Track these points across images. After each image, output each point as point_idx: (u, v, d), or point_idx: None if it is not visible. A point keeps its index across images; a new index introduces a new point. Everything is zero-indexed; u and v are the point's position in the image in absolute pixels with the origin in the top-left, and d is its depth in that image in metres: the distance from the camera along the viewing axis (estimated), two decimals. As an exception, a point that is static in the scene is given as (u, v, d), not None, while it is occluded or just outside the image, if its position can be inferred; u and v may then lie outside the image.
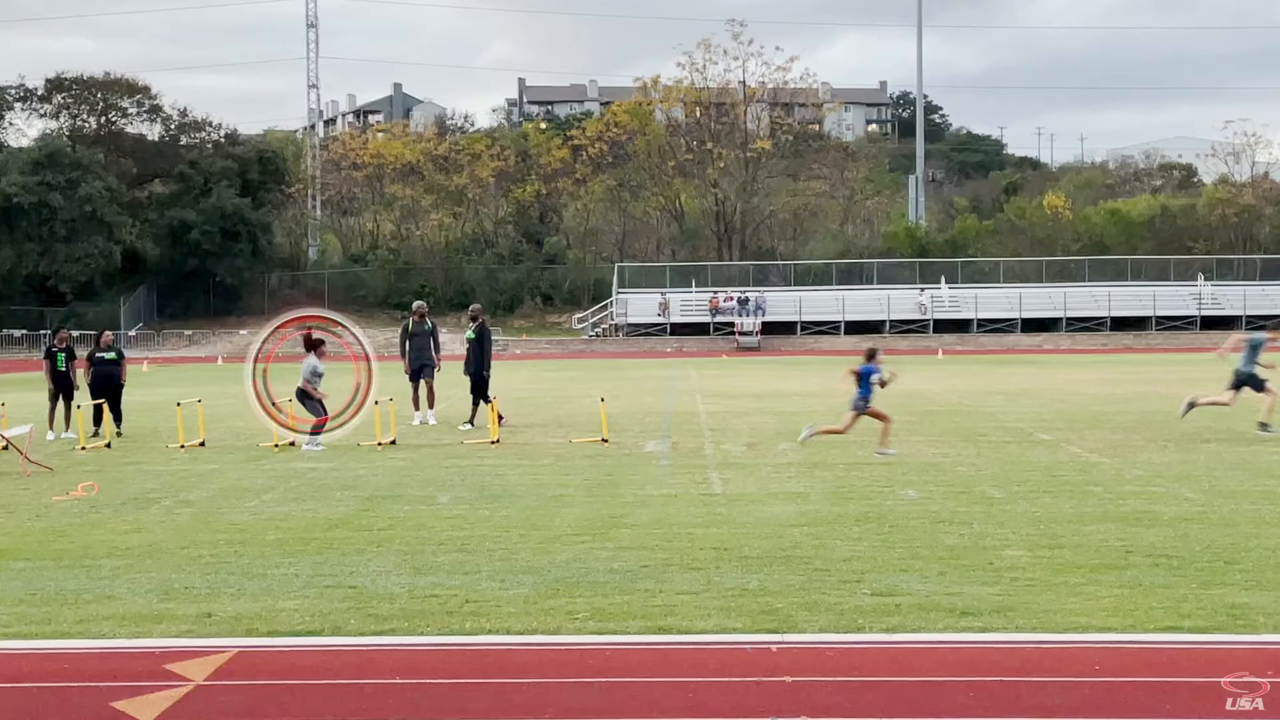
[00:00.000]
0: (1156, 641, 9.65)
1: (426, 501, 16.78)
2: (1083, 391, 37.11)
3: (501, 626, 10.17)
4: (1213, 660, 9.19)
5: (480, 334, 27.50)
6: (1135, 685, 8.63)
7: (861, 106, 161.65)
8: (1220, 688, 8.50)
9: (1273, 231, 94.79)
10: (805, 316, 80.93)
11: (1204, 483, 17.82)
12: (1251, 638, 9.70)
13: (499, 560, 12.72)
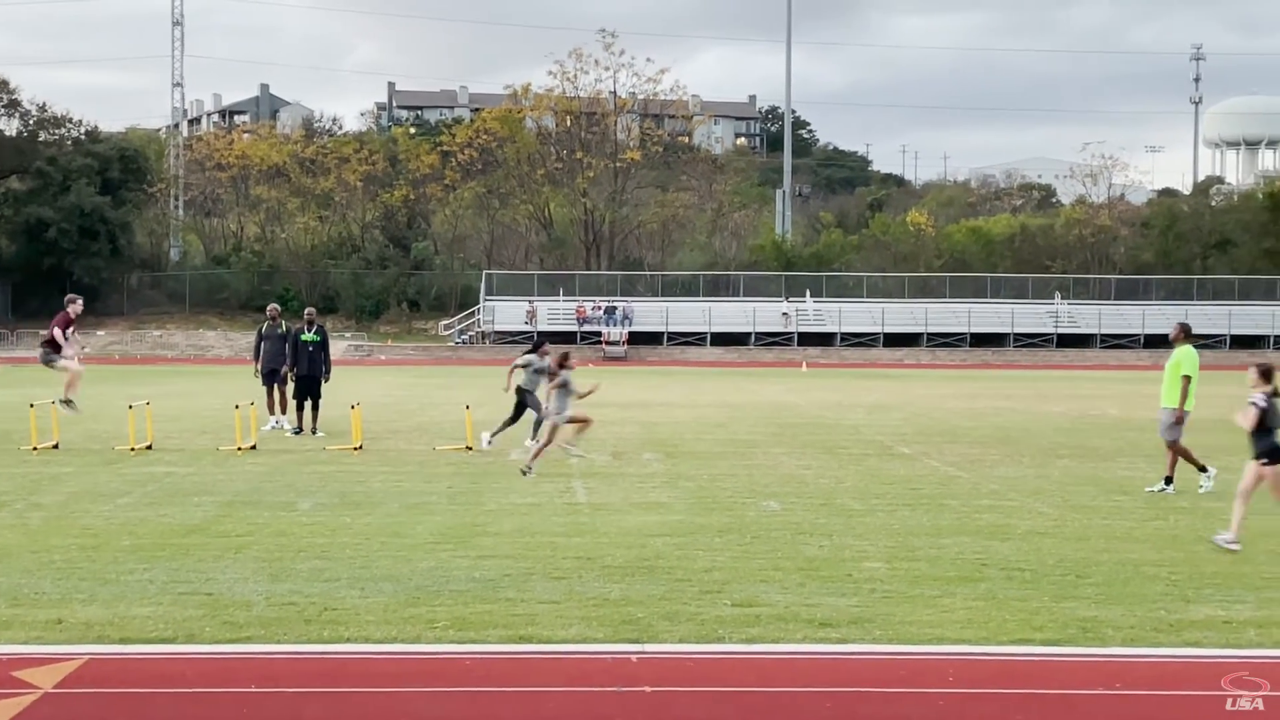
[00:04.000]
0: (1009, 654, 9.82)
1: (286, 508, 16.56)
2: (942, 406, 37.70)
3: (361, 635, 10.06)
4: (1063, 673, 9.38)
5: (323, 337, 27.12)
6: (988, 696, 8.77)
7: (730, 120, 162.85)
8: (1070, 699, 8.68)
9: (1128, 252, 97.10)
10: (672, 327, 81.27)
11: (1057, 497, 18.19)
12: (1101, 650, 9.91)
13: (359, 568, 12.59)
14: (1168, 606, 11.26)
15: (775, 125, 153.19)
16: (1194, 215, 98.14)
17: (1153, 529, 15.54)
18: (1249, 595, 11.72)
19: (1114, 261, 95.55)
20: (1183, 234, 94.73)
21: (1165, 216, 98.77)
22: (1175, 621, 10.73)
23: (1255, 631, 10.42)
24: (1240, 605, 11.32)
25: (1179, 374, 18.99)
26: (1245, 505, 14.28)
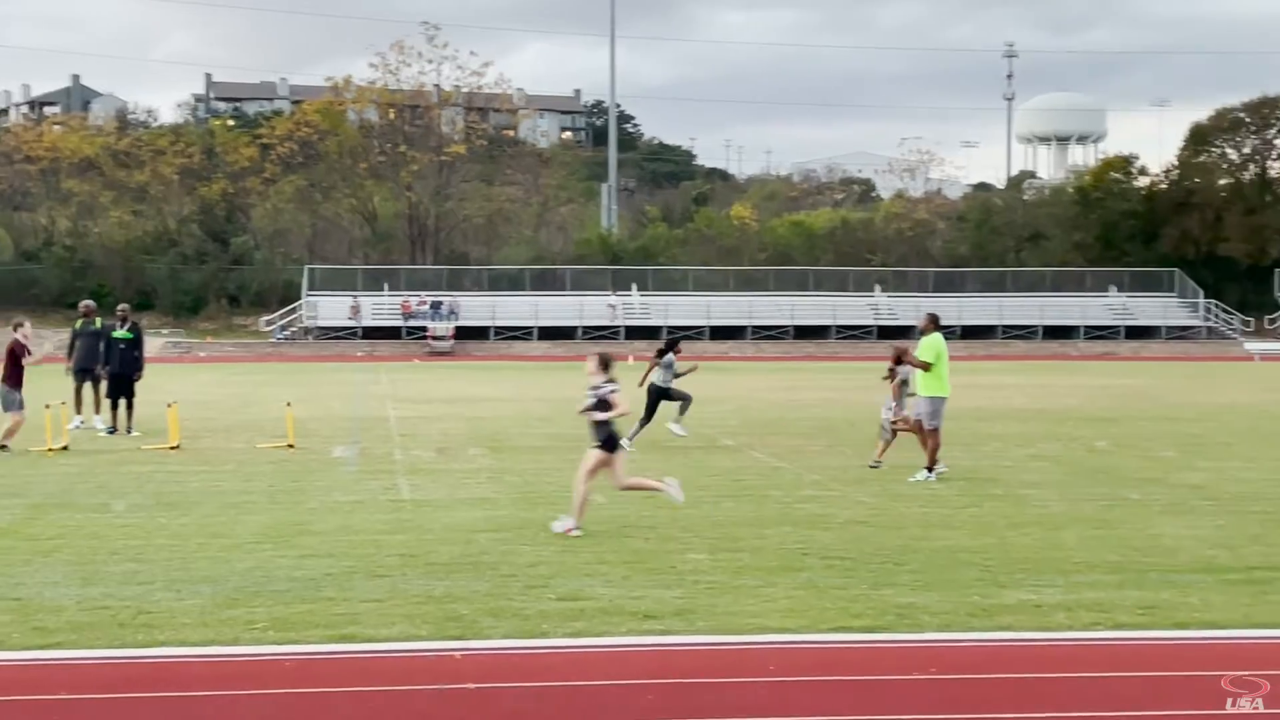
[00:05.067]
0: (828, 641, 9.98)
1: (99, 509, 16.15)
2: (766, 398, 38.15)
3: (177, 638, 9.86)
4: (880, 659, 9.56)
5: (137, 334, 26.49)
6: (808, 684, 8.90)
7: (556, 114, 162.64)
8: (886, 684, 8.85)
9: (945, 245, 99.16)
10: (499, 322, 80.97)
11: (876, 486, 18.53)
12: (917, 636, 10.12)
13: (175, 570, 12.33)
14: (981, 592, 11.53)
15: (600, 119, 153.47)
16: (1008, 209, 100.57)
17: (968, 516, 15.90)
18: (1059, 580, 12.05)
19: (932, 254, 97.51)
20: (997, 227, 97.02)
21: (980, 210, 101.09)
22: (988, 606, 11.00)
23: (1064, 615, 10.72)
24: (1050, 589, 11.64)
25: (923, 360, 19.53)
26: (585, 489, 14.59)
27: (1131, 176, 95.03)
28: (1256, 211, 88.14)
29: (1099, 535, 14.50)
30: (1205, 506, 16.66)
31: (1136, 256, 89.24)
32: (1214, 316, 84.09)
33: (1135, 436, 26.01)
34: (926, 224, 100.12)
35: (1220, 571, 12.47)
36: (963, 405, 33.66)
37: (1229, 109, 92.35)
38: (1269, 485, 18.65)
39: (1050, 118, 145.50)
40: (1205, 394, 39.42)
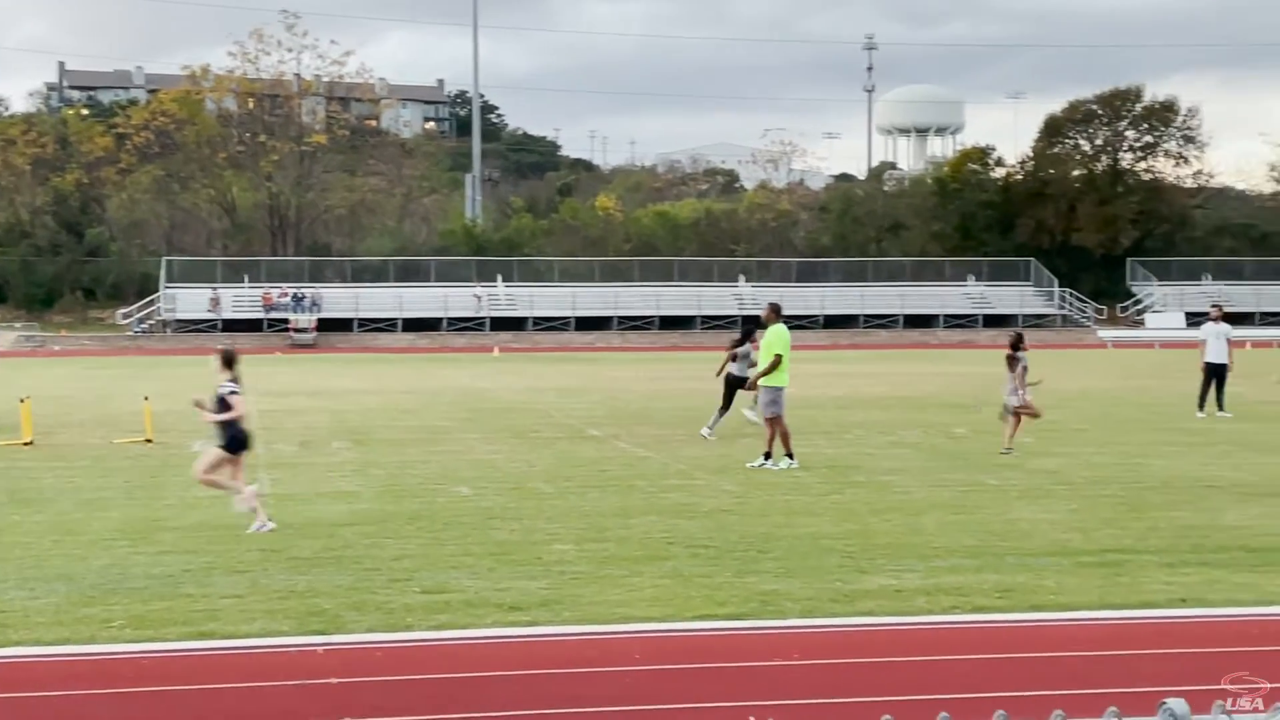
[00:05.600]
0: (694, 629, 10.03)
1: (-50, 508, 15.72)
2: (632, 389, 38.24)
3: (31, 638, 9.63)
4: (745, 645, 9.63)
5: None
6: (674, 672, 8.94)
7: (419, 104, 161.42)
8: (751, 670, 8.91)
9: (807, 236, 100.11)
10: (362, 314, 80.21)
11: (741, 475, 18.66)
12: (780, 622, 10.21)
13: (29, 568, 12.05)
14: (843, 578, 11.67)
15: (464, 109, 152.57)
16: (868, 200, 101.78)
17: (830, 503, 16.08)
18: (919, 564, 12.23)
19: (795, 244, 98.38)
20: (858, 218, 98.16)
21: (842, 201, 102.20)
22: (850, 592, 11.13)
23: (924, 599, 10.88)
24: (911, 574, 11.81)
25: (772, 353, 19.73)
26: (216, 481, 14.56)
27: (988, 168, 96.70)
28: (1109, 202, 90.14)
29: (958, 520, 14.74)
30: (1060, 491, 17.02)
31: (994, 246, 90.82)
32: (1069, 305, 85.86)
33: (993, 423, 26.44)
34: (789, 214, 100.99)
35: (1074, 554, 12.74)
36: (825, 394, 34.08)
37: (1082, 101, 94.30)
38: (1121, 470, 19.10)
39: (910, 109, 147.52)
40: (1061, 381, 40.20)
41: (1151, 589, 11.27)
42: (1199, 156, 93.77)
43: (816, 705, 8.07)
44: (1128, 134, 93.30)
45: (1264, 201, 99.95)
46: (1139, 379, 41.30)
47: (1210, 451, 21.42)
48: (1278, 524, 14.45)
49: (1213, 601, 10.88)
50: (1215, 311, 29.36)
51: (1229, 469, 19.17)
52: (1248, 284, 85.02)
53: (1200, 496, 16.46)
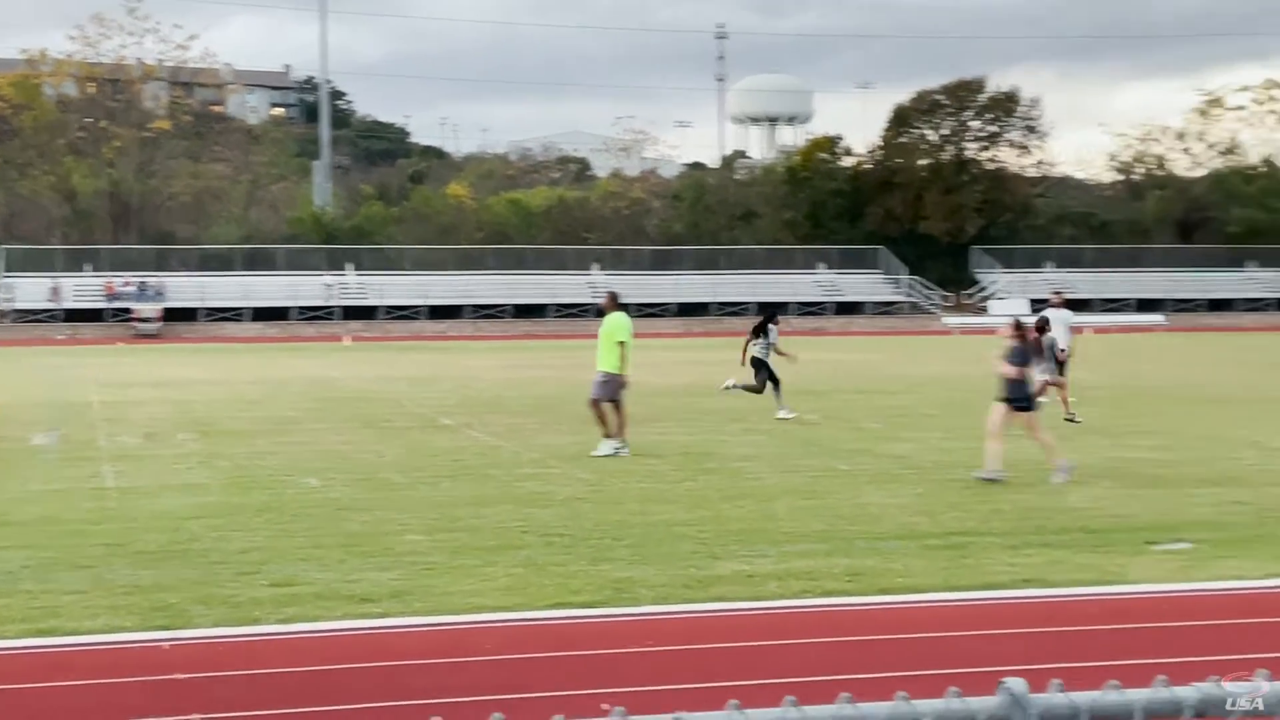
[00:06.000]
0: (547, 618, 10.02)
1: None
2: (485, 377, 38.07)
3: None
4: (599, 633, 9.64)
5: None
6: (527, 661, 8.92)
7: (266, 89, 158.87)
8: (605, 658, 8.93)
9: (660, 224, 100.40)
10: (209, 303, 78.79)
11: (594, 463, 18.67)
12: (634, 610, 10.24)
13: None
14: (697, 564, 11.73)
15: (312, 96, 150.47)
16: (720, 188, 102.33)
17: (684, 490, 16.16)
18: (771, 550, 12.35)
19: (647, 233, 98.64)
20: (711, 206, 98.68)
21: (694, 189, 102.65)
22: (703, 578, 11.20)
23: (776, 584, 10.99)
24: (763, 559, 11.91)
25: (613, 340, 19.87)
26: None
27: (837, 157, 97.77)
28: (954, 191, 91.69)
29: (809, 505, 14.91)
30: (908, 475, 17.30)
31: (843, 234, 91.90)
32: (916, 292, 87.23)
33: (844, 409, 26.84)
34: (642, 203, 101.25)
35: (921, 538, 12.96)
36: (679, 381, 34.26)
37: (928, 92, 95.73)
38: (967, 454, 19.43)
39: (760, 99, 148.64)
40: (909, 367, 40.90)
41: (995, 570, 11.50)
42: (1040, 146, 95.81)
43: (670, 691, 8.10)
44: (972, 124, 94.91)
45: (1103, 191, 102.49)
46: (984, 365, 42.06)
47: (1052, 435, 21.88)
48: (1117, 505, 14.84)
49: (1054, 582, 11.13)
50: (1056, 298, 29.98)
51: (1070, 452, 19.60)
52: (1088, 271, 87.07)
53: (1043, 479, 16.83)
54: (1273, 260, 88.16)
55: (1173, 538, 12.90)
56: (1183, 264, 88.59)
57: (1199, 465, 18.13)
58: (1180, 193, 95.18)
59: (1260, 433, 21.84)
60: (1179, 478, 16.99)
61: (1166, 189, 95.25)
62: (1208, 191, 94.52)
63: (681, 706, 2.68)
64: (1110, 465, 18.16)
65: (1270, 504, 14.88)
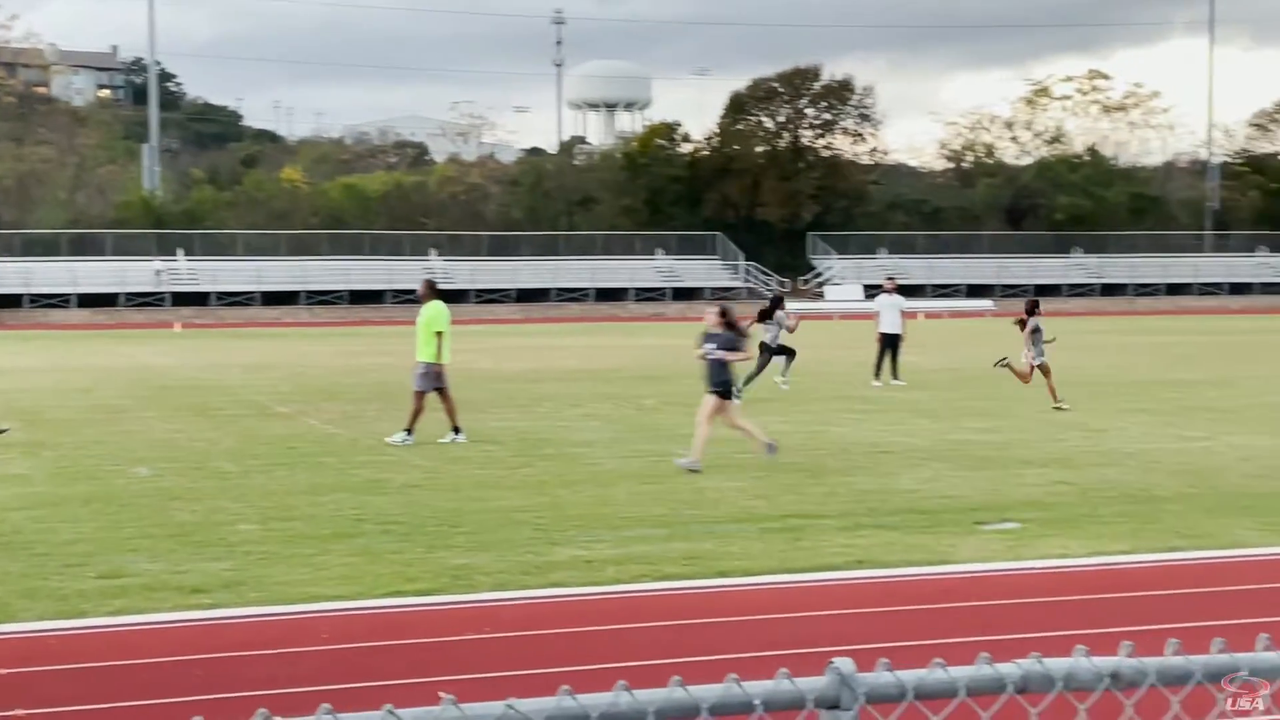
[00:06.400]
0: (383, 606, 9.93)
1: None
2: (321, 364, 37.57)
3: None
4: (436, 621, 9.58)
5: None
6: (362, 650, 8.83)
7: (92, 70, 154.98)
8: (442, 645, 8.87)
9: (498, 210, 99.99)
10: (33, 289, 76.62)
11: (432, 450, 18.54)
12: (472, 597, 10.19)
13: None
14: (535, 550, 11.72)
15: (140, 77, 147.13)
16: (559, 174, 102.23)
17: (522, 476, 16.13)
18: (609, 535, 12.38)
19: (486, 218, 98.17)
20: (549, 192, 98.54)
21: (533, 175, 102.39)
22: (541, 564, 11.19)
23: (614, 569, 11.02)
24: (601, 545, 11.94)
25: (432, 330, 19.79)
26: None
27: (676, 143, 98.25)
28: (790, 178, 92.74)
29: (648, 490, 14.97)
30: (746, 460, 17.43)
31: (682, 221, 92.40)
32: (753, 278, 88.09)
33: (683, 394, 26.91)
34: (480, 188, 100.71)
35: (759, 521, 13.09)
36: (517, 368, 34.18)
37: (764, 79, 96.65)
38: (802, 438, 19.70)
39: (599, 84, 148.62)
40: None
41: (830, 552, 11.66)
42: (874, 134, 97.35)
43: (507, 678, 8.07)
44: (808, 112, 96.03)
45: (934, 178, 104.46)
46: (819, 349, 42.59)
47: (885, 418, 22.28)
48: (947, 486, 15.14)
49: (887, 562, 11.32)
50: (889, 284, 30.52)
51: (902, 435, 19.99)
52: (920, 258, 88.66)
53: (876, 462, 17.12)
54: (1096, 246, 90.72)
55: (1001, 518, 13.20)
56: (1011, 250, 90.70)
57: (1027, 447, 18.57)
58: (1009, 180, 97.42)
59: (1085, 415, 22.44)
60: (1007, 459, 17.39)
61: (995, 177, 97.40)
62: (1035, 179, 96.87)
63: (518, 693, 2.67)
64: (942, 447, 18.52)
65: (1094, 484, 15.30)
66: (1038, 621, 9.42)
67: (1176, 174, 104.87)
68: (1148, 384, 28.53)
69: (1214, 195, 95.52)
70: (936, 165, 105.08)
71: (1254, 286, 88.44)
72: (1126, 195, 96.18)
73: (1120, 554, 11.67)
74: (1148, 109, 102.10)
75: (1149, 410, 22.98)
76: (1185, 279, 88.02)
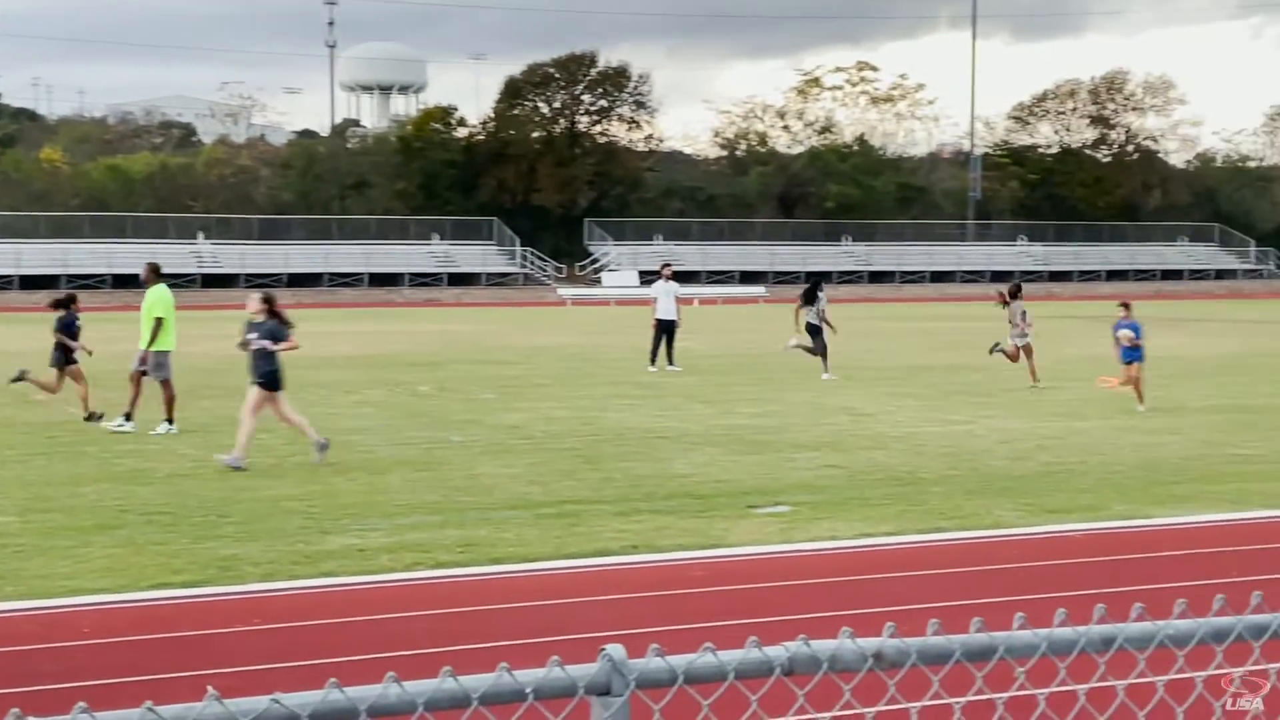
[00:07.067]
0: (148, 599, 9.65)
1: None
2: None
3: None
4: (202, 612, 9.36)
5: None
6: (125, 644, 8.57)
7: None
8: (208, 638, 8.66)
9: (269, 192, 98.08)
10: None
11: (199, 438, 18.10)
12: (240, 588, 9.98)
13: None
14: (306, 539, 11.52)
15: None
16: (332, 157, 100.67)
17: (293, 464, 15.87)
18: (383, 523, 12.24)
19: (256, 201, 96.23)
20: (321, 175, 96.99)
21: (304, 157, 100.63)
22: (313, 553, 11.01)
23: (388, 557, 10.90)
24: (375, 533, 11.80)
25: (152, 316, 19.43)
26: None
27: (451, 127, 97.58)
28: (567, 164, 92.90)
29: (422, 477, 14.85)
30: (522, 446, 17.43)
31: (457, 205, 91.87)
32: (530, 264, 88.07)
33: (458, 380, 26.83)
34: (250, 170, 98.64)
35: (534, 507, 13.09)
36: (289, 354, 33.49)
37: (540, 64, 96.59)
38: (579, 423, 19.76)
39: (373, 66, 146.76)
40: (523, 338, 41.24)
41: (606, 537, 11.72)
42: (650, 121, 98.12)
43: (275, 670, 7.92)
44: (584, 98, 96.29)
45: (709, 166, 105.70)
46: (596, 335, 42.85)
47: (661, 404, 22.48)
48: (721, 471, 15.34)
49: (662, 547, 11.42)
50: (665, 270, 30.76)
51: (678, 420, 20.19)
52: (695, 244, 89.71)
53: (652, 447, 17.26)
54: (865, 234, 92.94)
55: (773, 501, 13.43)
56: (783, 237, 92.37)
57: (798, 431, 18.92)
58: (781, 169, 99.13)
59: (853, 399, 22.96)
60: (780, 443, 17.69)
61: (768, 165, 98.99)
62: (806, 168, 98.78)
63: (285, 685, 2.60)
64: (716, 432, 18.75)
65: (862, 467, 15.67)
66: (808, 603, 9.60)
67: (941, 164, 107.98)
68: (913, 369, 29.32)
69: (976, 185, 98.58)
70: (711, 153, 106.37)
71: (1015, 274, 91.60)
72: (894, 185, 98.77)
73: (887, 535, 11.97)
74: (913, 101, 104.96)
75: (915, 395, 23.62)
76: (949, 267, 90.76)
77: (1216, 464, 16.06)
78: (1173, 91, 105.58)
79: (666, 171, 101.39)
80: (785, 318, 27.06)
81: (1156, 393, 23.09)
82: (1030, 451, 16.95)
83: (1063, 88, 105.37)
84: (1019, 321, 25.27)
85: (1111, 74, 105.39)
